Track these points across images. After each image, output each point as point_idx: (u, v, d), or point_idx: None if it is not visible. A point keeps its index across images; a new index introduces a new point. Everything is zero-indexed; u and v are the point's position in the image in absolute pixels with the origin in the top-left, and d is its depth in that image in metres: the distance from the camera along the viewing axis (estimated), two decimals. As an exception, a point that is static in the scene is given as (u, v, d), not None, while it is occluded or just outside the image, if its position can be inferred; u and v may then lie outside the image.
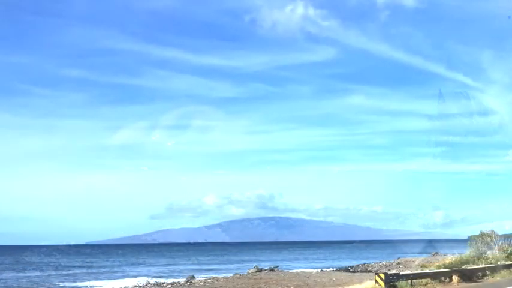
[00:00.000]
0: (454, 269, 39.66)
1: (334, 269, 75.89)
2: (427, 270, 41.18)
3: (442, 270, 39.58)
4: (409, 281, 34.21)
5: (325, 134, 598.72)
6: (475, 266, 42.05)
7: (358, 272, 67.69)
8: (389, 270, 57.71)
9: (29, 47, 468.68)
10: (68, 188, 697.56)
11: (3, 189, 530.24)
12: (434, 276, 37.09)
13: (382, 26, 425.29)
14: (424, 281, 35.64)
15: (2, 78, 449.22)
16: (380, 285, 32.32)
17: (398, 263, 78.71)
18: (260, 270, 62.72)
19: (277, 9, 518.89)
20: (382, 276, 32.76)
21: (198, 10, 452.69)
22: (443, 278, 37.30)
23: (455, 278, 37.44)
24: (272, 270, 64.08)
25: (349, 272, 68.07)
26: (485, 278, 40.10)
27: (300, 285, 45.67)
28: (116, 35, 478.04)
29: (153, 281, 62.52)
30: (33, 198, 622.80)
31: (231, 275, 61.69)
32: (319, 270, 74.24)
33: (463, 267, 41.13)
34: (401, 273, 35.90)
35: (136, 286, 58.39)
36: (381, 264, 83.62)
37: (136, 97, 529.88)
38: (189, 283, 53.52)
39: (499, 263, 44.54)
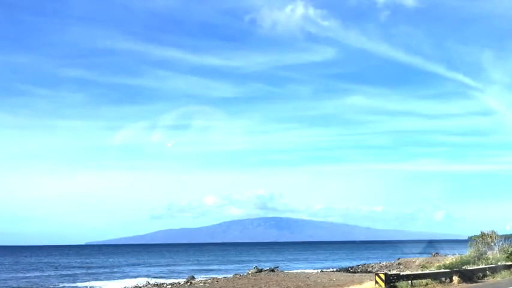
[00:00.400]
0: (455, 269, 39.57)
1: (335, 270, 75.85)
2: (427, 271, 41.09)
3: (443, 270, 39.51)
4: (410, 281, 34.14)
5: (325, 134, 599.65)
6: (476, 267, 41.96)
7: (358, 272, 67.64)
8: (389, 270, 57.64)
9: (29, 47, 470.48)
10: (68, 188, 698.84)
11: (3, 189, 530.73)
12: (434, 276, 37.02)
13: (382, 26, 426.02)
14: (424, 281, 35.57)
15: (2, 78, 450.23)
16: (380, 285, 32.25)
17: (399, 264, 78.69)
18: (260, 271, 62.60)
19: (277, 9, 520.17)
20: (383, 276, 32.69)
21: (198, 10, 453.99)
22: (443, 279, 37.24)
23: (455, 278, 37.38)
24: (272, 270, 63.96)
25: (350, 272, 68.01)
26: (485, 278, 40.03)
27: (300, 285, 45.56)
28: (116, 35, 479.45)
29: (153, 281, 62.38)
30: (33, 198, 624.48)
31: (231, 275, 61.59)
32: (319, 270, 74.23)
33: (464, 267, 41.03)
34: (401, 273, 35.81)
35: (136, 287, 58.28)
36: (381, 264, 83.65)
37: (136, 97, 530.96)
38: (189, 284, 53.38)
39: (499, 263, 44.45)
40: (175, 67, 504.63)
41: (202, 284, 50.82)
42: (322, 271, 71.75)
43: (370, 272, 65.05)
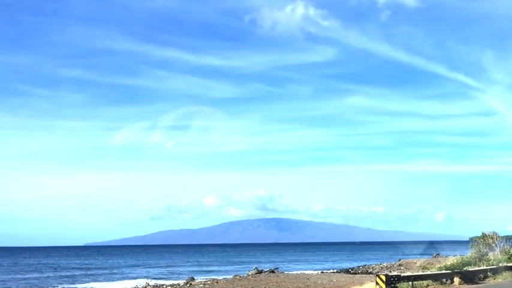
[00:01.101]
0: (456, 270, 39.37)
1: (335, 271, 75.63)
2: (428, 272, 40.88)
3: (444, 272, 39.30)
4: (410, 282, 33.90)
5: (325, 135, 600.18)
6: (477, 268, 41.71)
7: (358, 273, 67.36)
8: (390, 272, 57.35)
9: (28, 47, 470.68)
10: (68, 188, 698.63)
11: (2, 190, 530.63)
12: (435, 278, 36.81)
13: (382, 26, 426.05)
14: (425, 282, 35.35)
15: (2, 78, 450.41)
16: (381, 287, 31.97)
17: (400, 265, 78.45)
18: (260, 272, 62.41)
19: (277, 9, 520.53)
20: (383, 278, 32.42)
21: (198, 10, 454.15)
22: (444, 280, 37.02)
23: (456, 279, 37.17)
24: (272, 272, 63.78)
25: (350, 273, 67.73)
26: (486, 279, 39.78)
27: (300, 287, 45.33)
28: (116, 35, 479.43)
29: (152, 282, 62.16)
30: (33, 198, 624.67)
31: (231, 276, 61.34)
32: (319, 272, 73.98)
33: (465, 268, 40.81)
34: (402, 275, 35.55)
35: (135, 288, 58.10)
36: (381, 265, 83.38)
37: (136, 97, 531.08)
38: (188, 285, 53.18)
39: (500, 264, 44.22)
40: (175, 67, 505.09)
41: (202, 285, 50.58)
42: (322, 272, 71.51)
43: (370, 273, 64.77)
